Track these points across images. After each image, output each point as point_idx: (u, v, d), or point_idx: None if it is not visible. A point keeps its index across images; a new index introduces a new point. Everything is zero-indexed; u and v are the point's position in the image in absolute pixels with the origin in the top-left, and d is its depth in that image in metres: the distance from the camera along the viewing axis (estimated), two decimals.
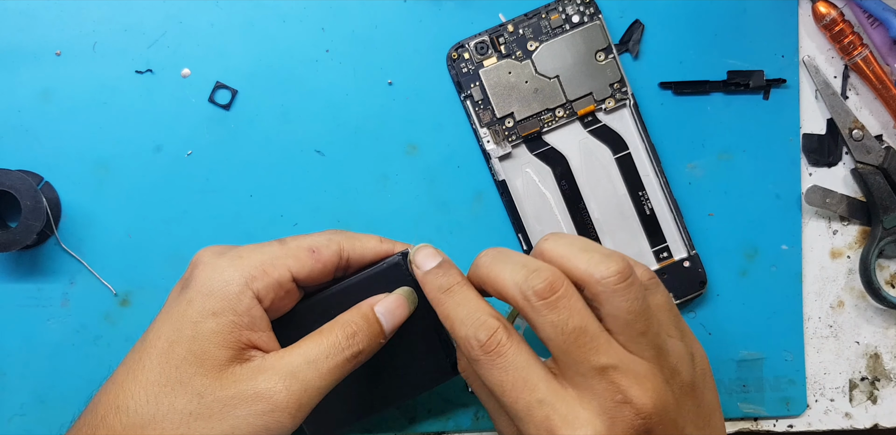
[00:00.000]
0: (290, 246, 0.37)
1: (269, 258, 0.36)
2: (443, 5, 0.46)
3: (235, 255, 0.36)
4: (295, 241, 0.38)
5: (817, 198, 0.47)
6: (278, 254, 0.37)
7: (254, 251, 0.37)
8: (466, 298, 0.36)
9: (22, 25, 0.45)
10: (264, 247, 0.37)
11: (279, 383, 0.34)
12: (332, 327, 0.36)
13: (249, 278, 0.35)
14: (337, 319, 0.37)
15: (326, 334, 0.36)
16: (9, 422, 0.46)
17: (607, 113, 0.46)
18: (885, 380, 0.48)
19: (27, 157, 0.45)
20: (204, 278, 0.35)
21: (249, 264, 0.36)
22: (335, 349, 0.36)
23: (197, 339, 0.34)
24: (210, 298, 0.35)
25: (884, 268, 0.49)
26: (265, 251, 0.37)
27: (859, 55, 0.47)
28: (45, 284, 0.46)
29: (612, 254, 0.34)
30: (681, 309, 0.47)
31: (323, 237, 0.38)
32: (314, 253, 0.37)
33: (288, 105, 0.46)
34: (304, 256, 0.37)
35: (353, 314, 0.37)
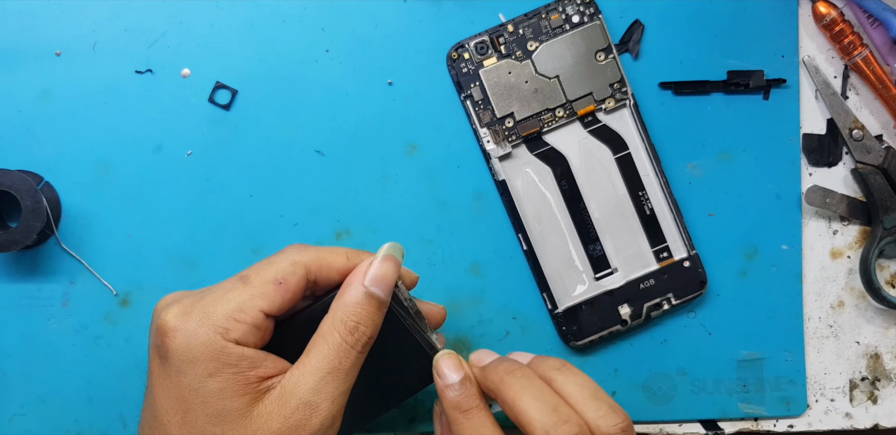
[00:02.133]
0: (255, 284, 0.35)
1: (236, 305, 0.35)
2: (443, 5, 0.46)
3: (202, 312, 0.35)
4: (258, 275, 0.36)
5: (817, 198, 0.47)
6: (244, 297, 0.35)
7: (219, 301, 0.35)
8: (483, 425, 0.37)
9: (22, 25, 0.45)
10: (228, 292, 0.35)
11: (306, 411, 0.34)
12: (332, 327, 0.36)
13: (224, 332, 0.34)
14: (333, 315, 0.36)
15: (328, 337, 0.35)
16: (9, 422, 0.46)
17: (607, 113, 0.46)
18: (885, 380, 0.48)
19: (27, 157, 0.45)
20: (180, 347, 0.34)
21: (219, 319, 0.34)
22: (343, 351, 0.35)
23: (208, 402, 0.34)
24: (197, 364, 0.34)
25: (884, 268, 0.49)
26: (230, 298, 0.35)
27: (859, 55, 0.47)
28: (46, 284, 0.46)
29: (617, 407, 0.37)
30: (681, 309, 0.47)
31: (286, 263, 0.36)
32: (281, 285, 0.36)
33: (288, 105, 0.46)
34: (271, 292, 0.35)
35: (346, 304, 0.36)
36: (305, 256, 0.37)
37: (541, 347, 0.47)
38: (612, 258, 0.46)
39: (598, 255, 0.46)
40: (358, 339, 0.36)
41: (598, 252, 0.46)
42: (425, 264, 0.46)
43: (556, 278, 0.46)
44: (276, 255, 0.37)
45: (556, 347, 0.47)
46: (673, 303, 0.46)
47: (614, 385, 0.47)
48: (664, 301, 0.46)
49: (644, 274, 0.46)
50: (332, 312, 0.36)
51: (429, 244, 0.46)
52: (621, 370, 0.47)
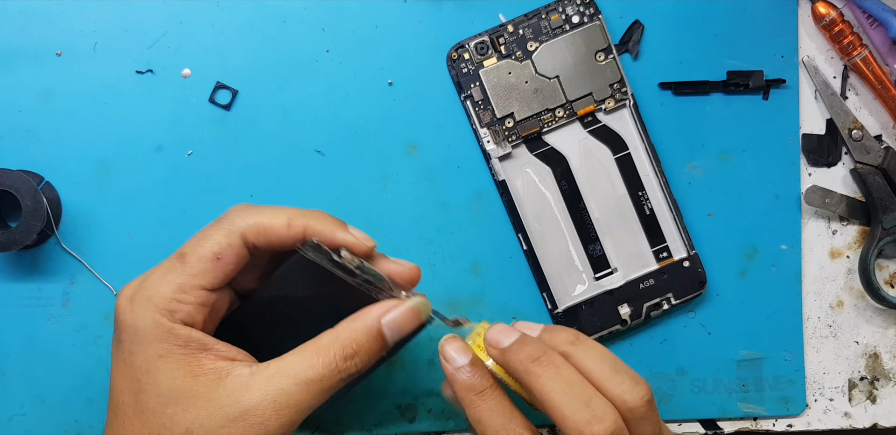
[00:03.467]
0: (192, 262, 0.35)
1: (176, 286, 0.34)
2: (443, 5, 0.46)
3: (144, 295, 0.34)
4: (194, 251, 0.35)
5: (817, 198, 0.47)
6: (184, 277, 0.35)
7: (160, 283, 0.35)
8: (501, 405, 0.36)
9: (23, 25, 0.45)
10: (168, 273, 0.35)
11: (269, 409, 0.33)
12: (331, 345, 0.35)
13: (169, 314, 0.34)
14: (338, 334, 0.35)
15: (323, 352, 0.34)
16: (9, 422, 0.46)
17: (607, 113, 0.46)
18: (884, 379, 0.48)
19: (28, 157, 0.45)
20: (128, 329, 0.34)
21: (162, 301, 0.34)
22: (330, 371, 0.34)
23: (159, 382, 0.34)
24: (145, 346, 0.34)
25: (883, 268, 0.49)
26: (170, 280, 0.35)
27: (859, 55, 0.47)
28: (46, 284, 0.46)
29: (639, 379, 0.36)
30: (680, 309, 0.47)
31: (221, 234, 0.35)
32: (219, 260, 0.35)
33: (288, 105, 0.46)
34: (210, 269, 0.35)
35: (355, 330, 0.35)
36: (242, 222, 0.36)
37: None
38: (612, 258, 0.46)
39: (598, 255, 0.46)
40: (349, 367, 0.35)
41: (598, 252, 0.46)
42: (425, 264, 0.46)
43: (556, 278, 0.46)
44: (215, 222, 0.36)
45: None
46: (672, 303, 0.46)
47: None
48: (664, 301, 0.46)
49: (644, 274, 0.46)
50: (338, 330, 0.35)
51: (429, 244, 0.46)
52: None
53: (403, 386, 0.47)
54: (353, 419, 0.46)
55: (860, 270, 0.47)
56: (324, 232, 0.36)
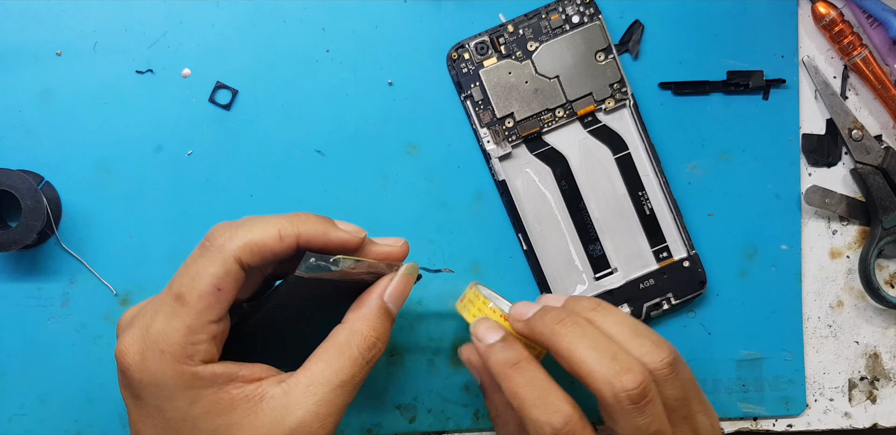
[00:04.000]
0: (193, 303, 0.33)
1: (185, 330, 0.33)
2: (443, 5, 0.46)
3: (155, 349, 0.33)
4: (192, 290, 0.33)
5: (817, 198, 0.47)
6: (188, 319, 0.33)
7: (167, 331, 0.33)
8: (537, 377, 0.36)
9: (22, 25, 0.45)
10: (171, 318, 0.33)
11: (314, 422, 0.33)
12: (351, 340, 0.35)
13: (187, 360, 0.33)
14: (352, 327, 0.35)
15: (346, 350, 0.34)
16: (9, 422, 0.46)
17: (607, 113, 0.46)
18: (884, 379, 0.48)
19: (28, 157, 0.45)
20: (150, 388, 0.33)
21: (176, 350, 0.33)
22: (359, 366, 0.34)
23: (198, 426, 0.33)
24: (174, 399, 0.33)
25: (883, 268, 0.49)
26: (176, 326, 0.33)
27: (859, 55, 0.47)
28: (46, 284, 0.46)
29: (661, 341, 0.36)
30: (680, 309, 0.47)
31: (216, 265, 0.33)
32: (220, 291, 0.33)
33: (288, 105, 0.46)
34: (213, 303, 0.33)
35: (367, 317, 0.35)
36: (233, 245, 0.34)
37: None
38: (612, 258, 0.46)
39: (598, 255, 0.46)
40: (374, 355, 0.35)
41: (598, 252, 0.46)
42: (426, 264, 0.46)
43: (556, 278, 0.46)
44: (202, 250, 0.34)
45: None
46: (672, 303, 0.46)
47: None
48: (664, 301, 0.46)
49: (644, 274, 0.46)
50: (351, 323, 0.35)
51: (429, 244, 0.46)
52: None
53: (403, 386, 0.47)
54: (352, 419, 0.47)
55: (860, 270, 0.47)
56: (316, 235, 0.35)
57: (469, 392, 0.47)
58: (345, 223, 0.37)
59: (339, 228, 0.36)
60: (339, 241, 0.36)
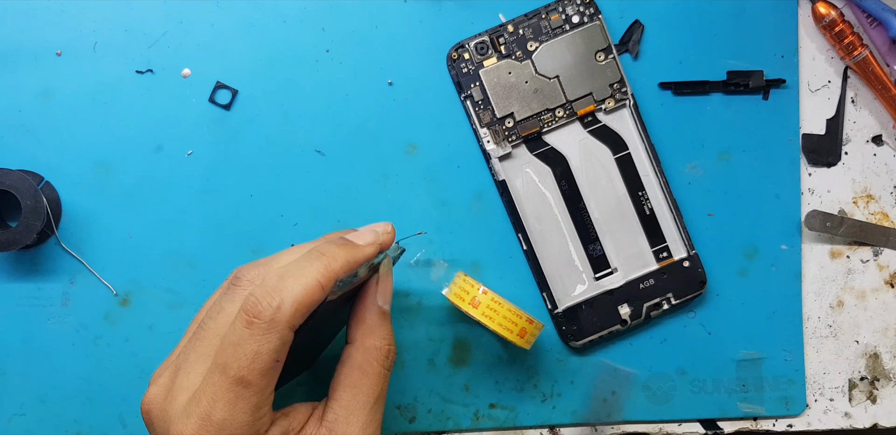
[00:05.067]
0: (255, 381, 0.32)
1: (251, 410, 0.32)
2: (443, 5, 0.46)
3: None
4: (253, 369, 0.31)
5: (817, 222, 0.47)
6: (255, 399, 0.32)
7: (234, 416, 0.32)
8: None
9: (22, 25, 0.45)
10: (236, 403, 0.31)
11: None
12: (369, 358, 0.35)
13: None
14: (364, 344, 0.35)
15: (368, 369, 0.35)
16: (9, 422, 0.46)
17: (607, 113, 0.46)
18: (884, 380, 0.48)
19: (28, 156, 0.45)
20: None
21: (241, 434, 0.32)
22: (383, 378, 0.35)
23: None
24: None
25: (883, 268, 0.49)
26: (242, 408, 0.31)
27: (859, 56, 0.47)
28: (46, 284, 0.46)
29: None
30: (680, 309, 0.47)
31: (273, 338, 0.32)
32: (278, 363, 0.32)
33: (288, 105, 0.46)
34: (274, 376, 0.32)
35: (373, 329, 0.35)
36: (285, 315, 0.32)
37: (541, 347, 0.47)
38: (612, 258, 0.46)
39: (598, 255, 0.46)
40: (392, 360, 0.35)
41: (598, 252, 0.46)
42: (426, 264, 0.46)
43: (556, 278, 0.46)
44: (249, 325, 0.32)
45: (556, 347, 0.47)
46: (672, 303, 0.46)
47: (614, 385, 0.47)
48: (664, 301, 0.46)
49: (644, 274, 0.46)
50: (360, 341, 0.35)
51: (429, 244, 0.46)
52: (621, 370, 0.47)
53: (403, 386, 0.47)
54: None
55: None
56: (352, 266, 0.34)
57: (469, 392, 0.47)
58: (362, 235, 0.37)
59: (362, 247, 0.35)
60: (367, 259, 0.35)
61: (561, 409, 0.47)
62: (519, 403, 0.47)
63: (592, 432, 0.48)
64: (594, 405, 0.47)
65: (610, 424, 0.47)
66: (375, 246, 0.36)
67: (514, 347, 0.47)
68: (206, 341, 0.33)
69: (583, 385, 0.47)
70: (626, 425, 0.48)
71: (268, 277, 0.33)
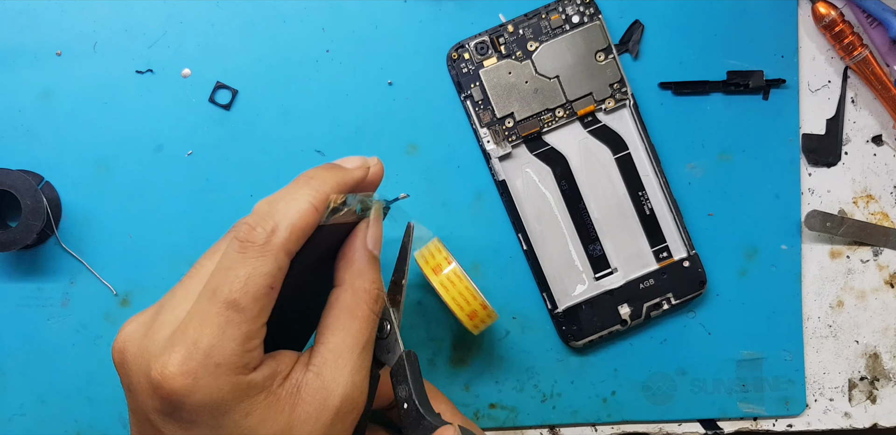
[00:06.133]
0: (248, 307, 0.30)
1: (242, 339, 0.30)
2: (443, 5, 0.46)
3: (211, 364, 0.29)
4: (246, 292, 0.30)
5: (817, 222, 0.47)
6: (246, 326, 0.30)
7: (223, 342, 0.29)
8: None
9: (22, 25, 0.45)
10: (226, 328, 0.29)
11: (354, 391, 0.32)
12: (356, 301, 0.33)
13: (243, 370, 0.30)
14: (353, 286, 0.33)
15: (357, 311, 0.33)
16: (8, 422, 0.46)
17: (607, 113, 0.46)
18: (884, 379, 0.48)
19: (27, 156, 0.45)
20: (205, 407, 0.30)
21: (233, 361, 0.30)
22: (372, 324, 0.33)
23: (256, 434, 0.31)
24: (231, 414, 0.30)
25: (883, 268, 0.49)
26: (232, 335, 0.30)
27: (859, 56, 0.47)
28: (46, 284, 0.46)
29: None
30: (680, 309, 0.47)
31: (267, 260, 0.30)
32: (272, 289, 0.31)
33: (288, 105, 0.46)
34: (267, 303, 0.31)
35: (362, 272, 0.34)
36: (281, 238, 0.30)
37: (541, 347, 0.47)
38: (612, 258, 0.46)
39: (598, 255, 0.46)
40: (380, 306, 0.34)
41: (598, 252, 0.46)
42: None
43: (556, 278, 0.46)
44: (243, 248, 0.30)
45: (556, 347, 0.47)
46: (672, 303, 0.46)
47: (614, 385, 0.47)
48: (664, 301, 0.46)
49: (644, 274, 0.46)
50: (350, 283, 0.33)
51: None
52: (621, 370, 0.47)
53: None
54: None
55: None
56: (342, 189, 0.33)
57: (469, 392, 0.47)
58: (349, 160, 0.36)
59: (350, 170, 0.34)
60: (356, 183, 0.34)
61: (561, 409, 0.47)
62: (519, 403, 0.47)
63: (593, 432, 0.48)
64: (595, 405, 0.47)
65: (611, 424, 0.47)
66: (363, 169, 0.35)
67: (515, 348, 0.47)
68: (196, 279, 0.32)
69: (583, 385, 0.47)
70: (626, 425, 0.48)
71: (258, 206, 0.32)
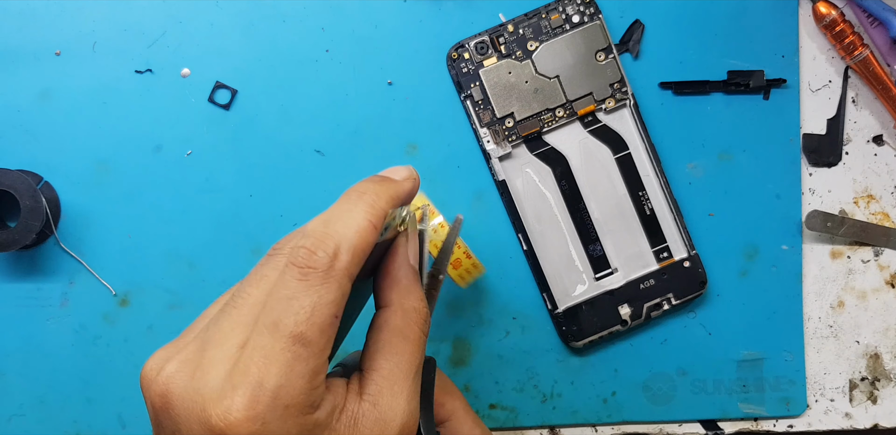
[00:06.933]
0: (315, 339, 0.27)
1: (309, 375, 0.27)
2: (443, 5, 0.46)
3: (279, 405, 0.26)
4: (312, 325, 0.27)
5: (818, 222, 0.47)
6: (314, 362, 0.27)
7: (290, 380, 0.27)
8: None
9: (21, 25, 0.45)
10: (293, 365, 0.27)
11: (409, 419, 0.29)
12: (407, 322, 0.31)
13: (309, 409, 0.27)
14: (402, 305, 0.31)
15: (409, 332, 0.30)
16: (8, 422, 0.46)
17: (607, 113, 0.46)
18: (885, 380, 0.48)
19: (27, 156, 0.45)
20: None
21: (300, 400, 0.27)
22: (423, 344, 0.31)
23: None
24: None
25: (884, 268, 0.49)
26: (300, 372, 0.27)
27: (860, 55, 0.47)
28: (45, 284, 0.46)
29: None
30: (681, 309, 0.47)
31: (332, 288, 0.28)
32: (336, 319, 0.28)
33: (288, 105, 0.46)
34: (332, 334, 0.28)
35: (408, 289, 0.31)
36: (344, 262, 0.28)
37: (541, 347, 0.47)
38: (612, 258, 0.46)
39: (598, 255, 0.46)
40: (429, 325, 0.31)
41: (598, 252, 0.46)
42: None
43: (556, 278, 0.46)
44: (303, 276, 0.28)
45: (556, 347, 0.47)
46: (673, 303, 0.46)
47: (614, 385, 0.47)
48: (664, 301, 0.46)
49: (644, 274, 0.46)
50: (399, 303, 0.31)
51: None
52: (621, 370, 0.47)
53: None
54: None
55: None
56: (396, 202, 0.31)
57: (469, 392, 0.47)
58: (396, 171, 0.33)
59: (401, 182, 0.32)
60: (408, 195, 0.32)
61: (561, 409, 0.47)
62: (519, 403, 0.47)
63: (593, 433, 0.48)
64: (594, 406, 0.47)
65: (611, 424, 0.47)
66: (412, 180, 0.32)
67: (515, 348, 0.46)
68: (245, 309, 0.28)
69: (583, 386, 0.47)
70: (627, 426, 0.47)
71: (311, 227, 0.29)
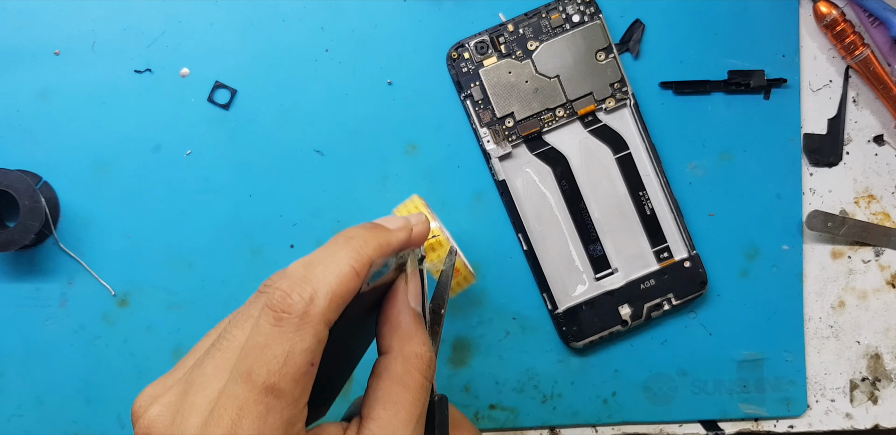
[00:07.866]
0: (288, 389, 0.26)
1: (284, 426, 0.26)
2: (443, 5, 0.46)
3: None
4: (285, 374, 0.26)
5: (819, 223, 0.47)
6: (289, 412, 0.27)
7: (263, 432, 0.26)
8: None
9: (21, 25, 0.45)
10: (266, 417, 0.26)
11: None
12: (408, 369, 0.30)
13: None
14: (402, 352, 0.30)
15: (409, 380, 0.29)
16: (7, 422, 0.46)
17: (608, 113, 0.46)
18: (885, 380, 0.48)
19: (26, 156, 0.45)
20: None
21: None
22: (426, 390, 0.30)
23: None
24: None
25: (884, 268, 0.48)
26: (272, 423, 0.26)
27: (860, 55, 0.46)
28: (44, 285, 0.46)
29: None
30: (681, 309, 0.47)
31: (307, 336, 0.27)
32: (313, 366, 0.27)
33: (288, 105, 0.46)
34: (308, 382, 0.27)
35: (410, 334, 0.30)
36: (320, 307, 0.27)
37: (541, 348, 0.47)
38: (613, 258, 0.46)
39: (599, 255, 0.46)
40: (434, 371, 0.30)
41: (599, 252, 0.46)
42: None
43: (557, 278, 0.46)
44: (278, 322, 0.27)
45: (556, 348, 0.47)
46: (673, 303, 0.46)
47: (614, 385, 0.47)
48: (664, 301, 0.46)
49: (644, 274, 0.46)
50: (399, 349, 0.30)
51: None
52: (621, 371, 0.47)
53: None
54: None
55: None
56: (384, 251, 0.30)
57: (469, 393, 0.47)
58: (390, 220, 0.33)
59: (393, 231, 0.31)
60: (399, 245, 0.31)
61: (561, 410, 0.47)
62: (519, 403, 0.47)
63: (593, 433, 0.47)
64: (595, 406, 0.47)
65: (612, 425, 0.47)
66: (406, 231, 0.32)
67: (515, 348, 0.46)
68: (228, 353, 0.28)
69: (583, 386, 0.47)
70: (627, 426, 0.47)
71: (292, 269, 0.28)
